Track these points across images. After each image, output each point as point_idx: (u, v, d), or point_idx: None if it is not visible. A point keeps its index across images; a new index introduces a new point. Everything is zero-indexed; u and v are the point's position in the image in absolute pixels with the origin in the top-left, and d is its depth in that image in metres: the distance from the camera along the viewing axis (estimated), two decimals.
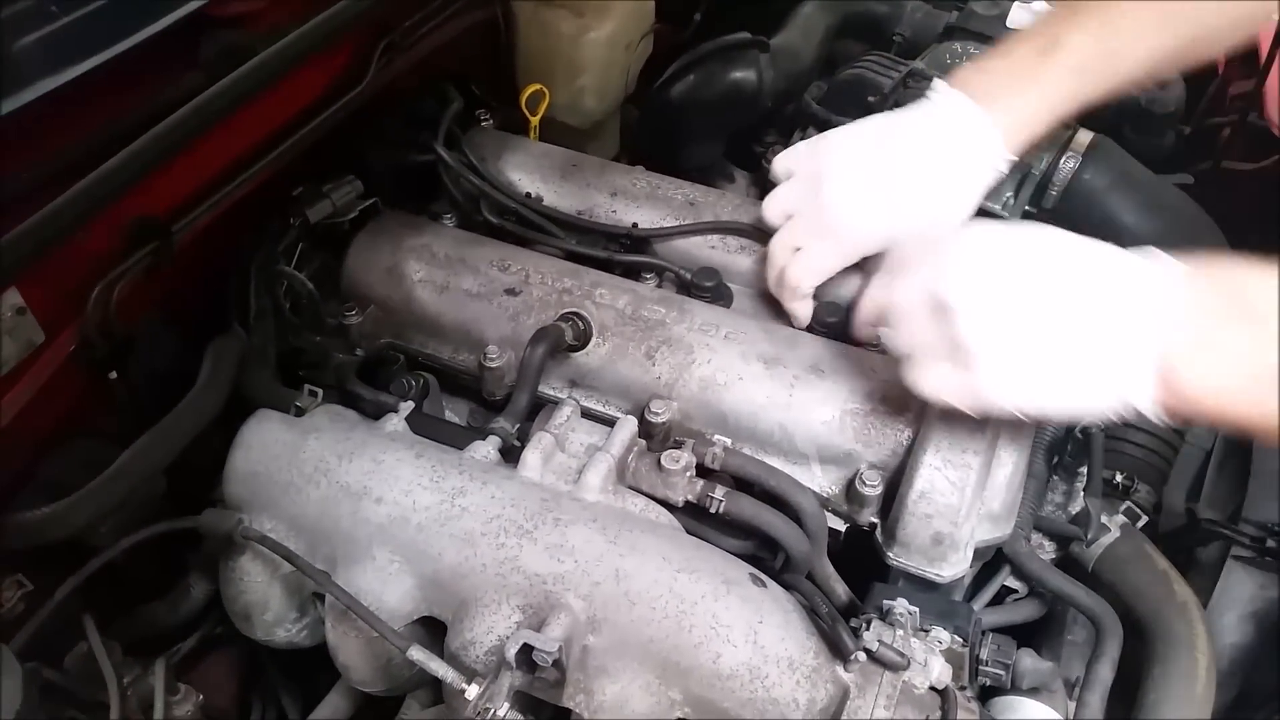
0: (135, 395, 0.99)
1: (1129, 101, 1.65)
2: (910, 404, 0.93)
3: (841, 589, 0.96)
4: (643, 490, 0.92)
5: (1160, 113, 1.65)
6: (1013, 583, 1.00)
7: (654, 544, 0.84)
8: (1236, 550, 1.08)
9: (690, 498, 0.91)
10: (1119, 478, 1.07)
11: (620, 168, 1.26)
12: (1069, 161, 1.41)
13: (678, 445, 0.93)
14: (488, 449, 0.94)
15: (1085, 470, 1.05)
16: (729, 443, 0.95)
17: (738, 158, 1.58)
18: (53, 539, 0.86)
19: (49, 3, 0.85)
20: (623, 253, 1.15)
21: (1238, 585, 1.07)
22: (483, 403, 1.08)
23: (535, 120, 1.42)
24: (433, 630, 0.87)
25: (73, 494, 0.87)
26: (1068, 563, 1.01)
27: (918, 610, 0.86)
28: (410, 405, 1.00)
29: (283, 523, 0.92)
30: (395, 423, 0.97)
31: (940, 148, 0.97)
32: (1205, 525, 1.10)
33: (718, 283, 1.10)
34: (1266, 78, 1.50)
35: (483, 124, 1.32)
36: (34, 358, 0.89)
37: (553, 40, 1.48)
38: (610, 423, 0.97)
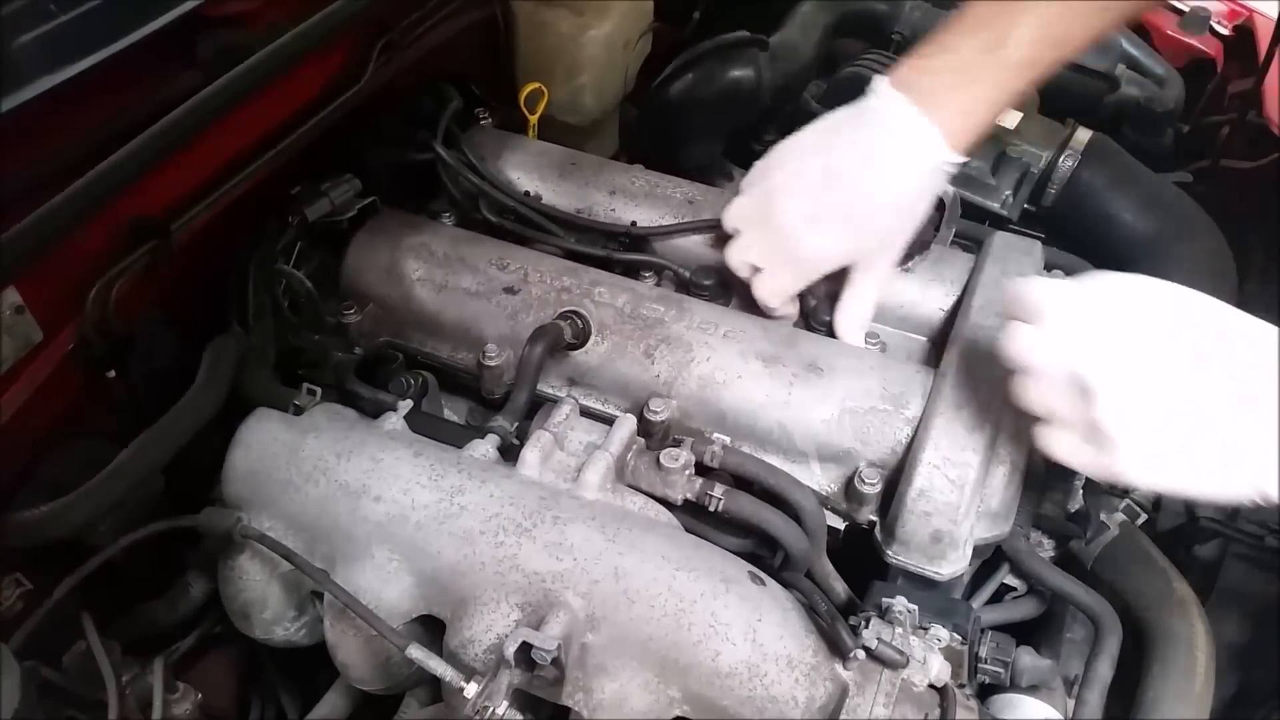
0: (134, 394, 0.99)
1: (1128, 100, 1.66)
2: (909, 402, 0.94)
3: (840, 587, 0.96)
4: (642, 488, 0.92)
5: (1159, 111, 1.66)
6: (1012, 580, 1.00)
7: (653, 542, 0.84)
8: (1235, 548, 1.08)
9: (689, 496, 0.91)
10: None
11: (619, 166, 1.26)
12: (1068, 160, 1.42)
13: (677, 443, 0.93)
14: (486, 447, 0.94)
15: None
16: (728, 441, 0.96)
17: (737, 156, 1.59)
18: (51, 538, 0.86)
19: (47, 1, 0.85)
20: (621, 251, 1.15)
21: (1236, 583, 1.07)
22: (481, 401, 1.08)
23: (534, 119, 1.42)
24: (431, 628, 0.87)
25: (71, 493, 0.87)
26: (1067, 560, 1.01)
27: (917, 608, 0.86)
28: (409, 404, 1.00)
29: (281, 521, 0.92)
30: (394, 421, 0.97)
31: (884, 160, 0.95)
32: (1204, 523, 1.10)
33: (716, 281, 1.10)
34: (1265, 76, 1.50)
35: (481, 123, 1.31)
36: (32, 356, 0.89)
37: (552, 39, 1.48)
38: (609, 421, 0.97)
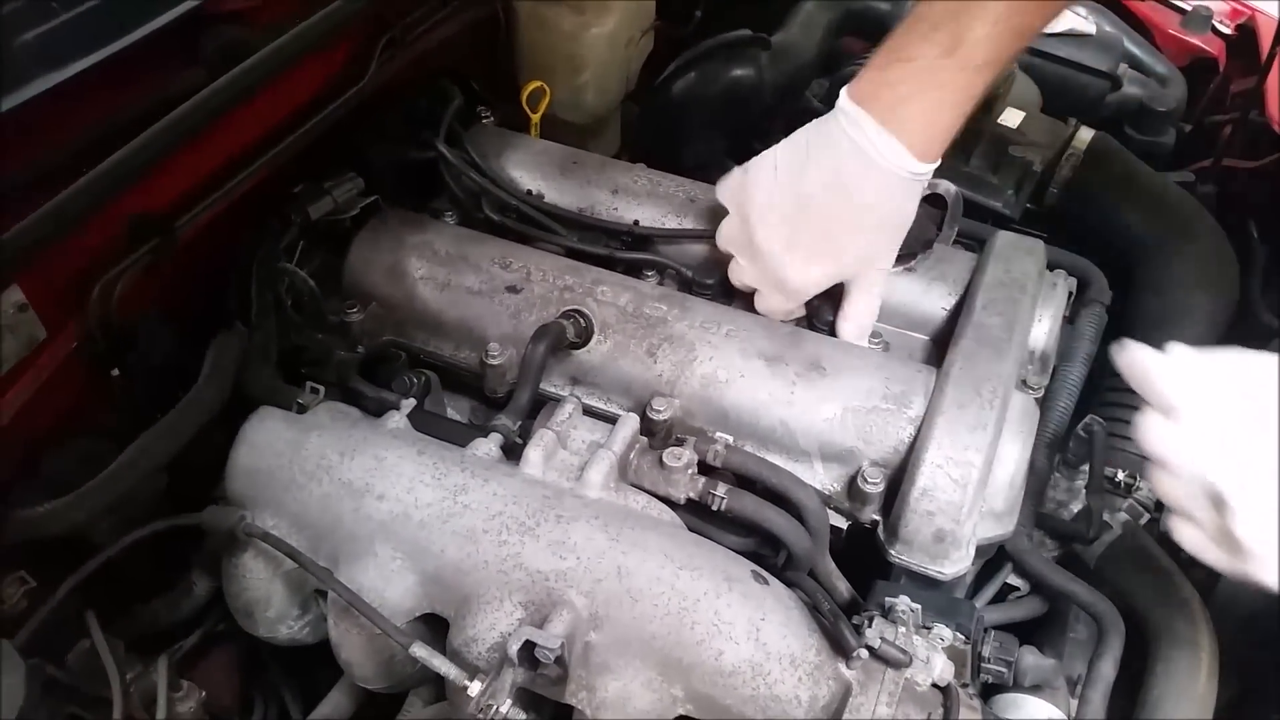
0: (136, 392, 0.99)
1: (1130, 99, 1.66)
2: (912, 401, 0.94)
3: (843, 586, 0.96)
4: (644, 487, 0.92)
5: (1161, 110, 1.66)
6: (1015, 580, 1.00)
7: (656, 541, 0.84)
8: None
9: (692, 495, 0.91)
10: (1121, 475, 1.07)
11: (621, 165, 1.26)
12: (1070, 159, 1.42)
13: (679, 442, 0.93)
14: (489, 446, 0.94)
15: (1087, 468, 1.06)
16: (731, 440, 0.96)
17: (739, 155, 1.58)
18: (54, 535, 0.86)
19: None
20: (624, 250, 1.15)
21: (1240, 583, 1.07)
22: (484, 400, 1.08)
23: (536, 117, 1.42)
24: (435, 627, 0.87)
25: (74, 491, 0.87)
26: (1070, 560, 1.01)
27: (920, 607, 0.86)
28: (412, 403, 1.00)
29: (285, 520, 0.92)
30: (397, 420, 0.97)
31: (853, 184, 0.95)
32: None
33: (719, 280, 1.10)
34: (1267, 75, 1.50)
35: (484, 121, 1.31)
36: (35, 354, 0.89)
37: (553, 37, 1.47)
38: (612, 420, 0.97)
